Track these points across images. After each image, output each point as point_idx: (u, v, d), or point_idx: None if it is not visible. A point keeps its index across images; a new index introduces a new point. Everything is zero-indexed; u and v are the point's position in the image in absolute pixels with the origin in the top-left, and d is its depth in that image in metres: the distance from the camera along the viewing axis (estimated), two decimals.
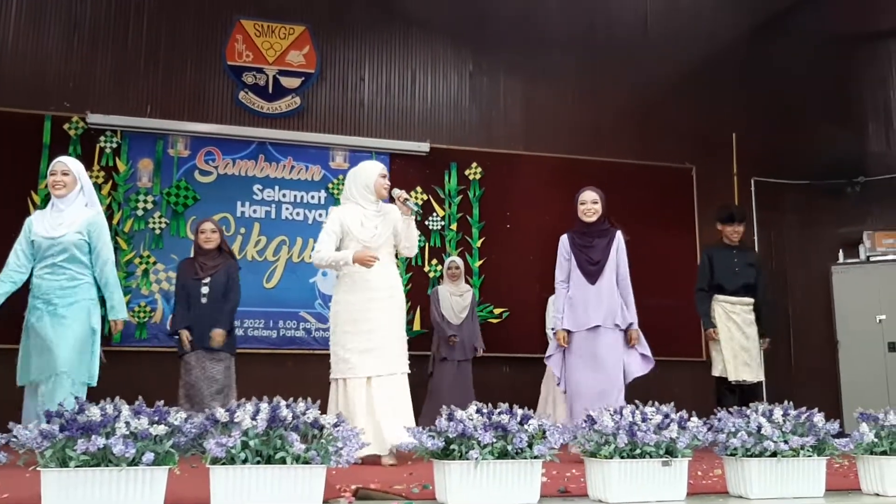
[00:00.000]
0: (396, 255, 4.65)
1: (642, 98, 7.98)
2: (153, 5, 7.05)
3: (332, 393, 4.36)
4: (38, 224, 4.22)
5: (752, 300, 5.78)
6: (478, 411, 2.65)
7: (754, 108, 8.20)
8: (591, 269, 4.68)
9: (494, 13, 7.75)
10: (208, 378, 5.16)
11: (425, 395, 6.46)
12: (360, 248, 4.35)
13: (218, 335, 5.20)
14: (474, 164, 7.54)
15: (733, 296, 5.76)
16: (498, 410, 2.67)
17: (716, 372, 5.72)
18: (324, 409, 2.86)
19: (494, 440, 2.58)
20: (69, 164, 4.30)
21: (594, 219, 4.76)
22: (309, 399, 2.55)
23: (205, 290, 5.29)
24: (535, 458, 2.65)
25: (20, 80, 6.64)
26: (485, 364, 6.95)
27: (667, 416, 2.82)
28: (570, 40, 7.91)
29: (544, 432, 2.69)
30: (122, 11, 6.98)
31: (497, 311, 7.36)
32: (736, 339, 5.67)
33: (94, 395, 2.75)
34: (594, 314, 4.63)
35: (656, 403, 2.89)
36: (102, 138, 6.71)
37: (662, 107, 8.01)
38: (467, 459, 2.55)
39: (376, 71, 7.56)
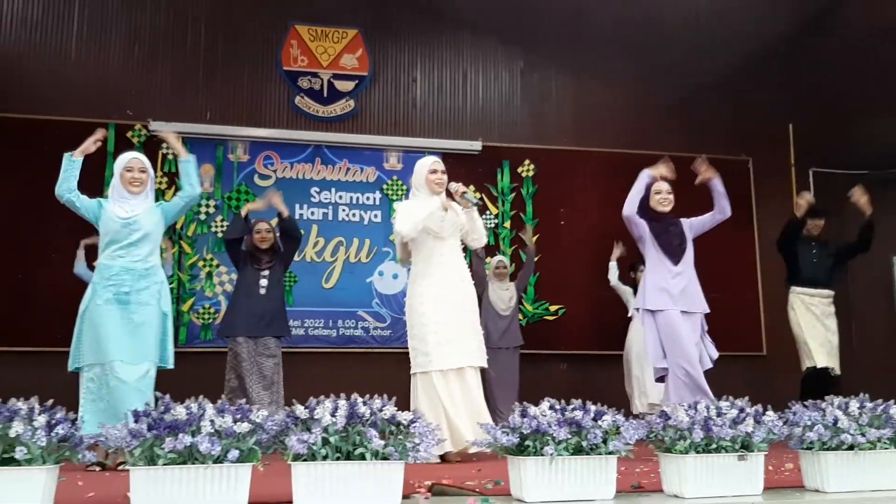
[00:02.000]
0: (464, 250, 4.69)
1: (695, 91, 7.88)
2: (210, 14, 7.21)
3: (414, 388, 4.39)
4: (112, 206, 4.25)
5: (831, 292, 5.75)
6: (551, 407, 2.66)
7: (810, 99, 8.03)
8: (675, 249, 4.62)
9: (544, 10, 7.72)
10: (258, 372, 5.21)
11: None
12: (430, 238, 4.42)
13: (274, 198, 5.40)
14: (527, 162, 7.54)
15: (812, 287, 5.72)
16: (571, 407, 2.68)
17: (807, 363, 5.68)
18: (406, 405, 2.89)
19: (569, 436, 2.59)
20: (146, 162, 4.38)
21: (669, 208, 4.71)
22: (385, 396, 2.59)
23: (263, 281, 5.36)
24: (610, 453, 2.65)
25: (85, 90, 6.84)
26: (541, 361, 6.95)
27: (742, 410, 2.80)
28: (620, 34, 7.84)
29: (618, 428, 2.69)
30: (180, 21, 7.15)
31: (553, 307, 7.35)
32: (818, 330, 5.64)
33: (176, 396, 2.81)
34: (684, 298, 4.55)
35: (730, 398, 2.87)
36: (164, 145, 6.86)
37: (715, 99, 7.90)
38: (542, 455, 2.57)
39: (428, 71, 7.61)
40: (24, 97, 6.70)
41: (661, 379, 4.63)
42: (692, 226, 4.77)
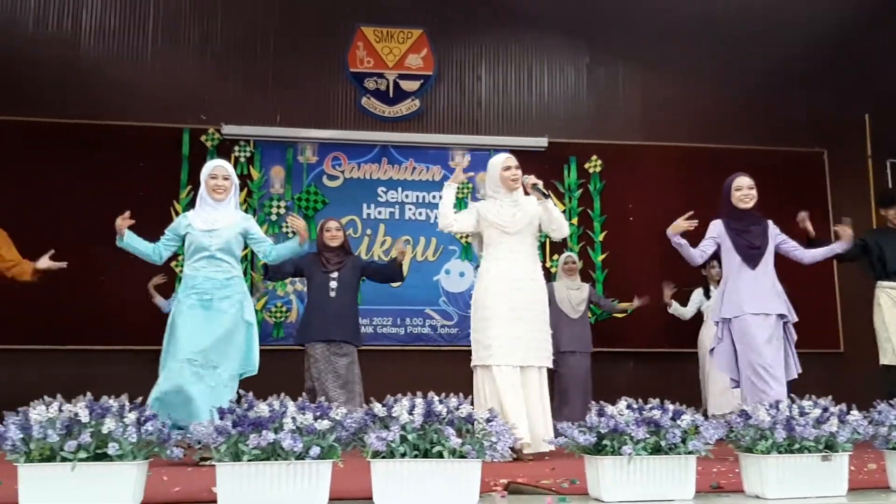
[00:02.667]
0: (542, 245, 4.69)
1: (766, 83, 7.69)
2: (278, 19, 7.35)
3: (477, 381, 4.41)
4: (195, 219, 4.36)
5: None
6: (628, 407, 2.64)
7: (886, 88, 7.75)
8: (752, 254, 4.50)
9: (610, 3, 7.64)
10: (333, 372, 5.28)
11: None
12: (497, 233, 4.44)
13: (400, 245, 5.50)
14: (594, 157, 7.47)
15: None
16: (649, 406, 2.65)
17: (884, 360, 5.49)
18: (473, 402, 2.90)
19: (647, 436, 2.57)
20: (229, 169, 4.46)
21: (751, 204, 4.54)
22: (461, 394, 2.61)
23: (333, 283, 5.37)
24: (690, 453, 2.62)
25: (160, 97, 7.05)
26: (609, 360, 6.89)
27: (826, 409, 2.73)
28: (688, 26, 7.70)
29: (697, 427, 2.65)
30: (249, 27, 7.31)
31: (621, 305, 7.26)
32: None
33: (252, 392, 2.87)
34: (754, 300, 4.45)
35: (812, 397, 2.80)
36: (237, 148, 7.06)
37: (788, 90, 7.70)
38: (620, 455, 2.55)
39: (492, 69, 7.62)
40: (103, 104, 6.94)
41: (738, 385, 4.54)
42: (778, 237, 4.59)
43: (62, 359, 6.45)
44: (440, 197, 7.17)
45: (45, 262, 5.06)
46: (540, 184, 4.48)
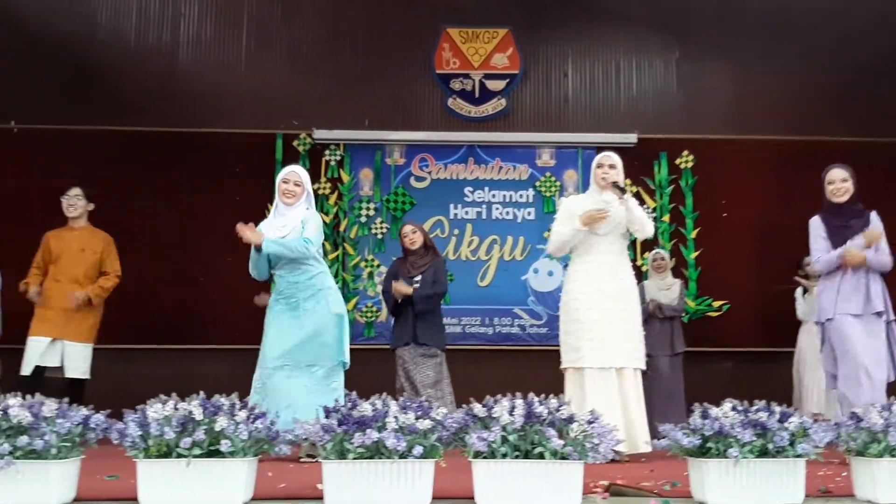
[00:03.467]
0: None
1: (861, 72, 7.33)
2: (365, 24, 7.46)
3: (567, 383, 4.39)
4: (267, 230, 4.42)
5: None
6: (734, 408, 2.59)
7: None
8: None
9: None
10: (421, 373, 5.35)
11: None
12: (586, 233, 4.39)
13: (401, 287, 5.37)
14: (685, 153, 7.32)
15: None
16: (755, 408, 2.59)
17: None
18: None
19: (754, 438, 2.51)
20: (301, 175, 4.50)
21: (845, 198, 4.38)
22: (561, 395, 2.61)
23: (417, 287, 5.44)
24: (798, 456, 2.55)
25: (253, 104, 7.26)
26: (704, 360, 6.72)
27: None
28: (780, 17, 7.44)
29: (806, 430, 2.58)
30: (337, 32, 7.45)
31: (716, 303, 7.10)
32: None
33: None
34: (852, 300, 4.28)
35: None
36: (327, 152, 7.21)
37: (884, 80, 7.32)
38: (726, 458, 2.50)
39: (579, 65, 7.54)
40: (200, 112, 7.20)
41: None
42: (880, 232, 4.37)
43: (167, 357, 6.74)
44: (527, 196, 7.35)
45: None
46: (619, 181, 4.40)
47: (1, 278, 5.62)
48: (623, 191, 4.37)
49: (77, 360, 5.38)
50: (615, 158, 4.54)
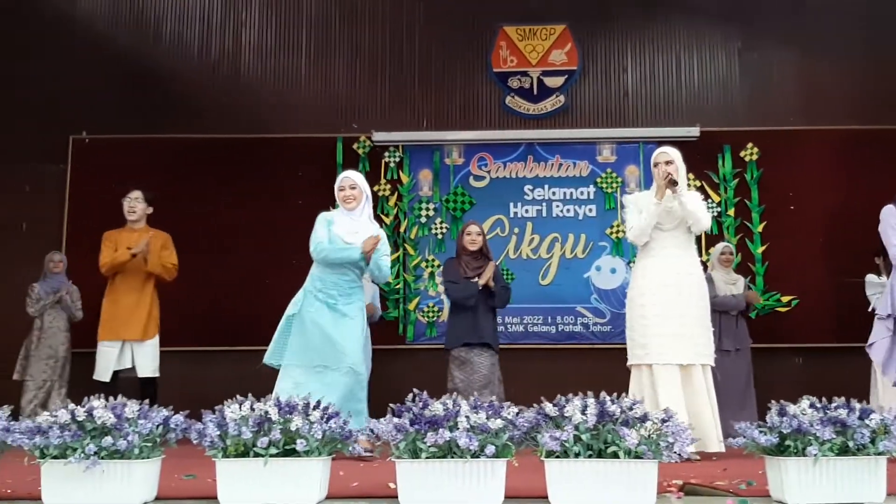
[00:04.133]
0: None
1: None
2: (423, 25, 7.50)
3: (634, 381, 4.35)
4: (338, 223, 4.44)
5: None
6: (812, 406, 2.53)
7: None
8: None
9: None
10: (475, 372, 5.31)
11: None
12: (655, 231, 4.35)
13: (488, 272, 5.29)
14: (749, 145, 7.16)
15: None
16: (834, 405, 2.53)
17: None
18: None
19: (833, 436, 2.45)
20: (355, 178, 4.52)
21: None
22: (619, 392, 2.59)
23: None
24: (880, 454, 2.48)
25: (313, 108, 7.38)
26: (773, 356, 6.58)
27: None
28: (846, 2, 7.24)
29: (887, 427, 2.51)
30: (395, 35, 7.51)
31: (785, 298, 6.93)
32: None
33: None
34: None
35: None
36: (387, 154, 7.27)
37: None
38: (804, 456, 2.45)
39: (639, 59, 7.45)
40: (260, 118, 7.33)
41: None
42: None
43: (238, 359, 6.86)
44: (588, 193, 7.28)
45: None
46: (672, 175, 4.32)
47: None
48: (675, 183, 4.30)
49: (146, 359, 5.54)
50: (672, 153, 4.46)
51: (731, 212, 7.08)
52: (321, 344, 4.27)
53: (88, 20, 7.53)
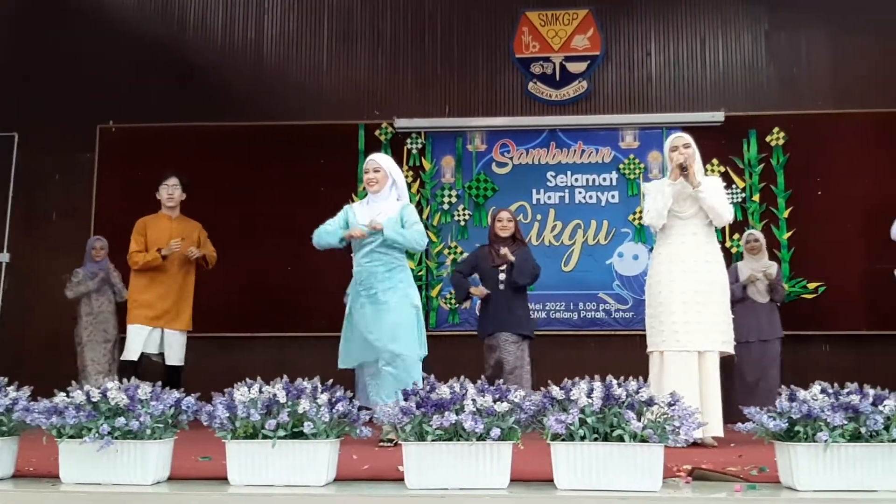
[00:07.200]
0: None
1: None
2: (445, 13, 7.49)
3: (652, 367, 4.32)
4: (358, 213, 4.41)
5: None
6: (823, 391, 2.50)
7: None
8: None
9: None
10: (504, 360, 5.30)
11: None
12: (670, 216, 4.31)
13: (509, 255, 5.31)
14: (776, 130, 7.05)
15: None
16: (846, 390, 2.49)
17: None
18: None
19: (845, 422, 2.42)
20: (380, 160, 4.45)
21: None
22: (640, 378, 2.57)
23: (502, 276, 5.38)
24: (894, 441, 2.43)
25: (336, 95, 7.41)
26: (800, 343, 6.48)
27: None
28: None
29: None
30: (417, 22, 7.51)
31: (811, 285, 6.83)
32: None
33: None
34: None
35: None
36: (409, 140, 7.27)
37: None
38: (815, 442, 2.42)
39: (663, 43, 7.36)
40: (284, 106, 7.38)
41: None
42: None
43: (265, 345, 6.96)
44: (611, 180, 7.21)
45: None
46: (682, 161, 4.25)
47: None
48: (684, 168, 4.24)
49: (176, 347, 5.60)
50: (686, 138, 4.41)
51: (756, 197, 6.98)
52: (362, 344, 4.30)
53: (114, 10, 7.62)
